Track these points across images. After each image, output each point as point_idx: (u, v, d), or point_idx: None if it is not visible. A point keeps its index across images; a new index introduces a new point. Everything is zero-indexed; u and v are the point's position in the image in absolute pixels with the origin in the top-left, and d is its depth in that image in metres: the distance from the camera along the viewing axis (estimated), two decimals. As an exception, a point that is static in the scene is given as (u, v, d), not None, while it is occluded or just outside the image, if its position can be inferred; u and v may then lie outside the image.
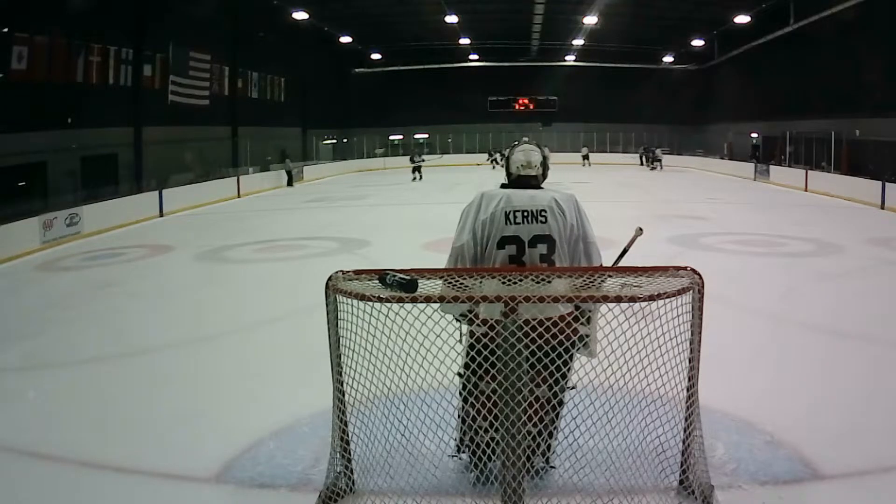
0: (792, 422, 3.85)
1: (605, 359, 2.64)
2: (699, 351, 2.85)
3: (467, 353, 2.84)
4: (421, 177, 26.45)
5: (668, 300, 2.60)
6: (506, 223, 3.01)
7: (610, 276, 2.82)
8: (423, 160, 27.26)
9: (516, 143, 3.32)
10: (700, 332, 2.84)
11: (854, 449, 3.56)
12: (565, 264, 3.04)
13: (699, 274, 2.79)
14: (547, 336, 2.54)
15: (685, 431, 2.96)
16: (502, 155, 26.82)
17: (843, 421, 3.93)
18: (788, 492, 3.17)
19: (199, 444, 3.78)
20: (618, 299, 2.48)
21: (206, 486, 3.36)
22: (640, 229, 3.47)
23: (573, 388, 2.94)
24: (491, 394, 2.78)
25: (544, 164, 3.24)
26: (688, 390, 2.89)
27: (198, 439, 3.88)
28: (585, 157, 34.56)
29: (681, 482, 3.00)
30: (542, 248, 3.00)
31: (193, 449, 3.73)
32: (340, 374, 2.91)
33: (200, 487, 3.36)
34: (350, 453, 3.06)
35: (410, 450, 2.86)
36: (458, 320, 2.98)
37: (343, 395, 2.93)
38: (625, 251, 3.45)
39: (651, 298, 2.52)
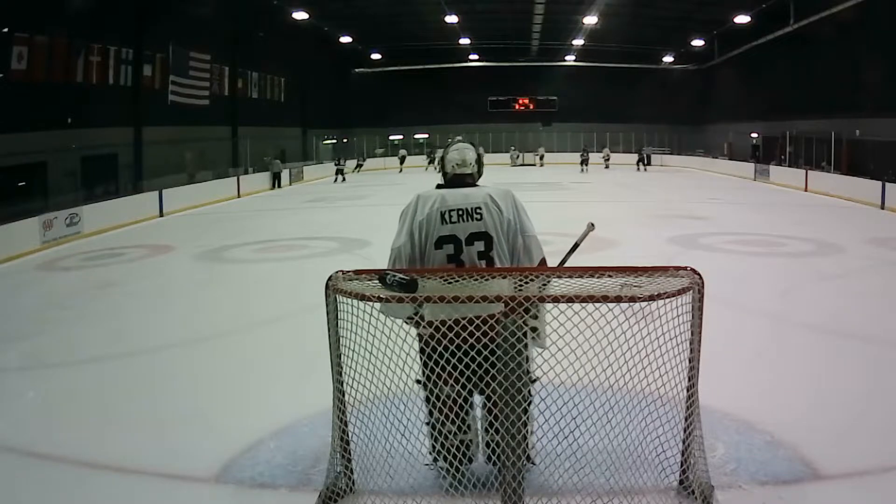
0: (792, 422, 3.85)
1: (606, 359, 2.64)
2: (699, 351, 2.85)
3: (426, 356, 2.83)
4: (344, 179, 27.79)
5: (668, 300, 2.60)
6: (442, 223, 3.02)
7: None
8: (345, 164, 29.19)
9: (450, 142, 3.33)
10: (700, 332, 2.84)
11: (854, 449, 3.56)
12: (505, 260, 3.05)
13: (699, 274, 2.79)
14: (491, 334, 2.53)
15: (685, 431, 2.96)
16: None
17: (843, 421, 3.93)
18: (788, 492, 3.17)
19: (199, 444, 3.78)
20: (618, 299, 2.48)
21: (206, 486, 3.36)
22: (592, 224, 3.41)
23: (537, 380, 2.93)
24: (457, 397, 2.79)
25: (479, 162, 3.26)
26: (688, 390, 2.89)
27: (198, 439, 3.88)
28: (541, 158, 35.24)
29: (681, 482, 3.00)
30: (479, 246, 3.01)
31: (193, 449, 3.73)
32: (340, 374, 2.91)
33: (200, 487, 3.36)
34: (350, 453, 3.06)
35: (410, 450, 2.86)
36: (406, 323, 2.96)
37: (343, 395, 2.93)
38: (575, 246, 3.37)
39: (651, 298, 2.52)
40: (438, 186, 3.20)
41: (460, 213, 3.02)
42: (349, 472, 3.07)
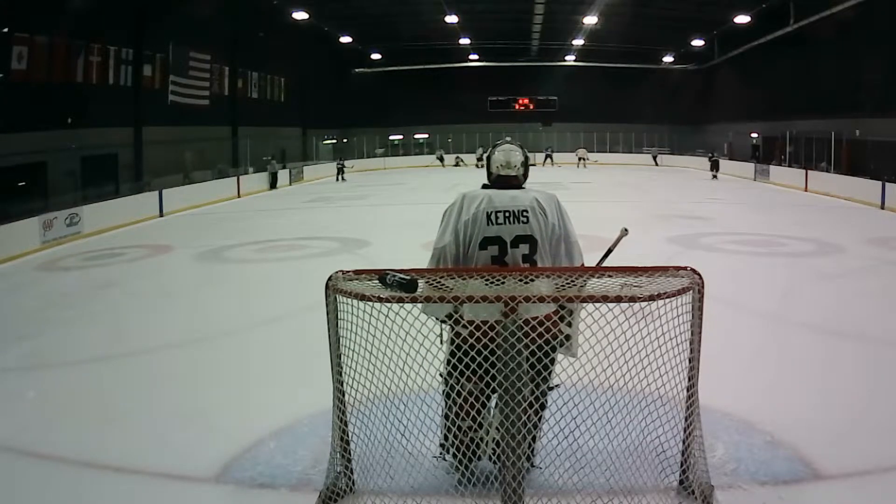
0: (792, 422, 3.85)
1: (606, 359, 2.64)
2: (699, 351, 2.85)
3: (453, 354, 2.84)
4: (344, 178, 28.11)
5: (668, 300, 2.60)
6: (487, 224, 3.00)
7: (594, 277, 2.82)
8: (344, 164, 29.36)
9: (498, 142, 3.31)
10: (700, 332, 2.84)
11: (854, 449, 3.56)
12: (547, 264, 3.05)
13: (699, 274, 2.79)
14: (533, 335, 2.55)
15: (685, 431, 2.96)
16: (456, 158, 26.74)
17: (843, 421, 3.93)
18: (788, 492, 3.17)
19: (199, 444, 3.78)
20: (618, 299, 2.48)
21: (206, 486, 3.36)
22: (626, 230, 3.48)
23: (557, 386, 2.94)
24: (479, 395, 2.80)
25: (525, 165, 3.24)
26: (688, 390, 2.89)
27: (198, 439, 3.88)
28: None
29: (681, 482, 3.00)
30: (524, 249, 3.00)
31: (193, 449, 3.73)
32: (340, 374, 2.91)
33: (200, 487, 3.36)
34: (350, 453, 3.06)
35: (410, 450, 2.86)
36: (443, 322, 2.98)
37: (343, 395, 2.93)
38: (609, 251, 3.44)
39: (651, 298, 2.52)
40: (484, 186, 3.18)
41: (507, 215, 3.00)
42: (349, 472, 3.07)
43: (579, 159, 33.65)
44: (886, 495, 3.19)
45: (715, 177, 26.43)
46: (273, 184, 24.76)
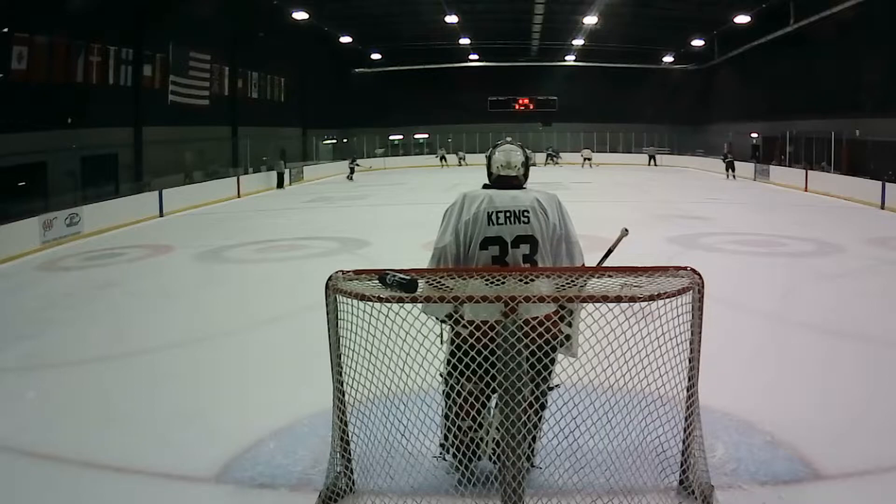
0: (792, 422, 3.85)
1: (606, 359, 2.64)
2: (699, 351, 2.85)
3: (453, 354, 2.84)
4: (352, 178, 28.57)
5: (668, 300, 2.60)
6: (488, 224, 3.00)
7: (594, 277, 2.82)
8: (358, 164, 29.88)
9: (499, 142, 3.31)
10: (700, 332, 2.84)
11: (854, 449, 3.56)
12: (548, 264, 3.04)
13: (699, 274, 2.79)
14: (533, 335, 2.55)
15: (685, 431, 2.96)
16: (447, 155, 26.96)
17: (843, 421, 3.93)
18: (788, 492, 3.17)
19: (199, 444, 3.78)
20: (618, 299, 2.48)
21: (206, 486, 3.36)
22: (626, 230, 3.48)
23: (557, 386, 2.94)
24: (479, 394, 2.80)
25: (525, 165, 3.24)
26: (688, 390, 2.89)
27: (198, 439, 3.88)
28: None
29: (681, 482, 3.00)
30: (524, 249, 3.00)
31: (193, 449, 3.73)
32: (340, 374, 2.91)
33: (200, 487, 3.36)
34: (350, 453, 3.06)
35: (410, 450, 2.86)
36: (442, 321, 2.98)
37: (343, 395, 2.92)
38: (609, 251, 3.44)
39: (651, 298, 2.52)
40: (485, 186, 3.19)
41: (507, 215, 3.00)
42: (349, 472, 3.07)
43: (584, 160, 33.63)
44: (886, 495, 3.19)
45: (733, 177, 25.57)
46: (280, 183, 24.85)
